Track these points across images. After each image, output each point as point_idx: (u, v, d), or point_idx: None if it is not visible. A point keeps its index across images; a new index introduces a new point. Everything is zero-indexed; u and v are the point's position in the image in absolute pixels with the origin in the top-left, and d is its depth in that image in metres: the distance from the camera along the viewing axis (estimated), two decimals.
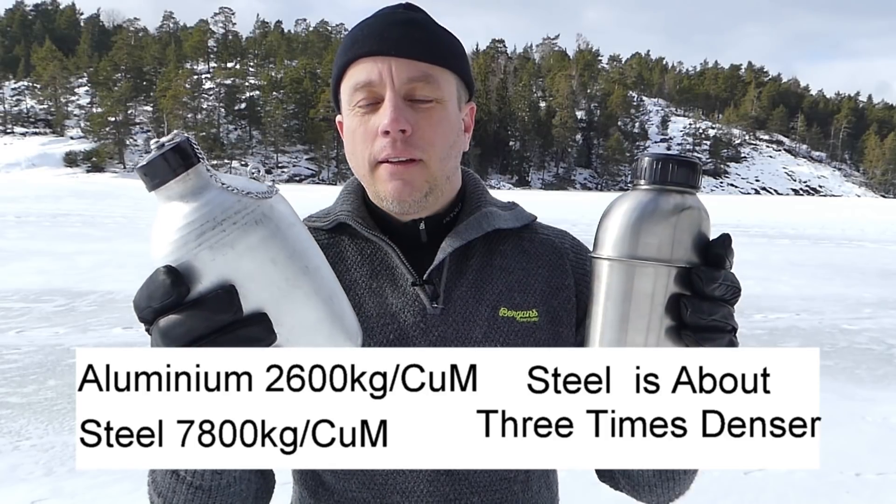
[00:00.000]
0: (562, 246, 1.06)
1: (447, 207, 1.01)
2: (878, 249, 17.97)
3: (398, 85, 0.90)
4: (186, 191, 0.60)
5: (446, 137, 0.94)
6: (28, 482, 3.61)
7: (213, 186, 0.60)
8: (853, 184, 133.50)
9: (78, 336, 6.52)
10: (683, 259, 0.64)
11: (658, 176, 0.65)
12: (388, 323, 0.96)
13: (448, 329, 0.95)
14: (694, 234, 0.65)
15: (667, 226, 0.64)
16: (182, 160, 0.59)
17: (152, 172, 0.59)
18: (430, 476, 0.93)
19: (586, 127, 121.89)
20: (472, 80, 1.02)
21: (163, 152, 0.59)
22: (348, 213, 1.00)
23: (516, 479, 0.97)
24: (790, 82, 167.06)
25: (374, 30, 0.93)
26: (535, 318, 0.98)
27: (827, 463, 4.03)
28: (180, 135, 0.60)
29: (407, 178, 0.91)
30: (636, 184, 0.67)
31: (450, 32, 0.99)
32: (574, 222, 23.13)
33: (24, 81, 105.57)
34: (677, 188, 0.65)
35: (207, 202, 0.59)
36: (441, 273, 0.97)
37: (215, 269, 0.58)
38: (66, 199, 28.70)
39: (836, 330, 7.87)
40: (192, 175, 0.59)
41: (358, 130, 0.93)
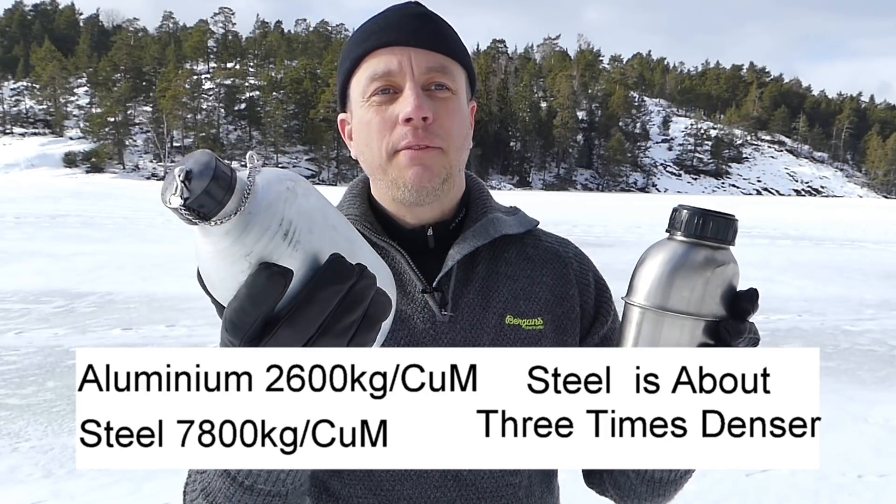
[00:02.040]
0: (565, 255, 1.07)
1: (453, 212, 1.02)
2: (880, 250, 17.96)
3: (418, 74, 0.91)
4: (240, 205, 0.54)
5: (462, 128, 0.95)
6: (27, 484, 3.61)
7: (255, 187, 0.56)
8: (855, 184, 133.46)
9: (77, 337, 6.52)
10: (712, 313, 0.66)
11: (695, 230, 0.66)
12: (398, 329, 0.96)
13: (457, 336, 0.96)
14: (724, 289, 0.67)
15: (699, 281, 0.66)
16: (226, 178, 0.53)
17: (209, 205, 0.53)
18: (436, 482, 0.93)
19: (587, 127, 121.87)
20: (475, 79, 1.03)
21: (210, 180, 0.52)
22: (356, 218, 1.00)
23: (521, 484, 0.97)
24: (792, 82, 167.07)
25: (390, 22, 0.94)
26: (541, 326, 0.99)
27: (829, 465, 4.03)
28: (201, 154, 0.55)
29: (427, 162, 0.91)
30: (672, 234, 0.68)
31: (455, 30, 1.00)
32: (575, 223, 23.15)
33: (24, 82, 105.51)
34: (713, 244, 0.67)
35: (270, 203, 0.55)
36: (449, 280, 0.98)
37: (306, 251, 0.57)
38: (65, 199, 28.69)
39: (838, 331, 7.86)
40: (236, 193, 0.54)
41: (374, 121, 0.92)
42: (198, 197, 0.52)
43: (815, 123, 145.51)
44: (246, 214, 0.54)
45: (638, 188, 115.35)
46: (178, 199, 0.52)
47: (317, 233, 0.58)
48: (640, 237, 18.76)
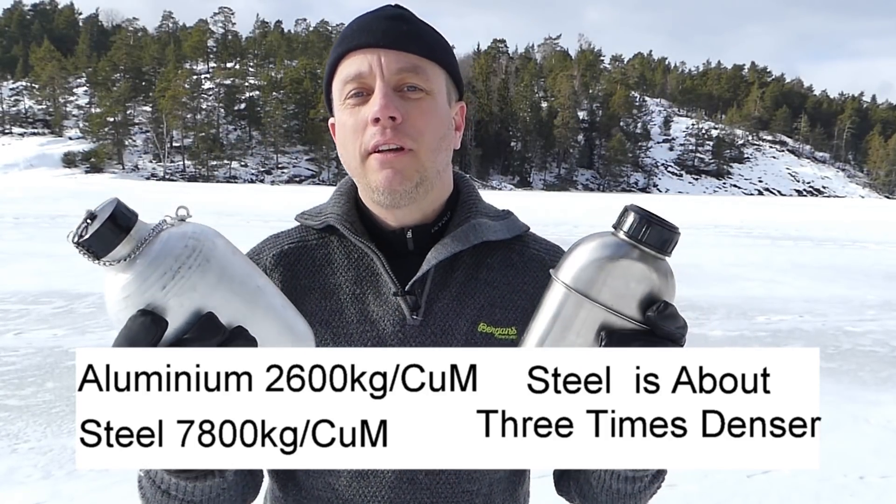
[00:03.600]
0: (551, 263, 1.04)
1: (437, 215, 1.01)
2: (882, 251, 17.94)
3: (388, 75, 0.91)
4: (133, 252, 0.62)
5: (437, 129, 0.94)
6: (26, 485, 3.60)
7: (155, 239, 0.63)
8: (857, 185, 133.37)
9: (77, 338, 6.52)
10: (627, 314, 0.68)
11: (636, 233, 0.68)
12: (367, 330, 0.96)
13: (426, 341, 0.96)
14: (644, 295, 0.68)
15: (623, 280, 0.68)
16: (121, 224, 0.62)
17: (97, 246, 0.61)
18: (391, 482, 0.94)
19: (588, 127, 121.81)
20: (460, 79, 1.02)
21: (102, 224, 0.61)
22: (338, 217, 1.00)
23: (479, 491, 0.97)
24: (793, 82, 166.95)
25: (362, 25, 0.95)
26: (514, 335, 0.98)
27: (830, 466, 4.03)
28: (110, 201, 0.63)
29: (398, 166, 0.91)
30: (616, 231, 0.70)
31: (437, 31, 1.00)
32: (576, 223, 23.12)
33: (23, 82, 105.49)
34: (649, 251, 0.68)
35: (158, 256, 0.63)
36: (424, 284, 0.97)
37: (185, 307, 0.63)
38: (64, 200, 28.71)
39: (839, 332, 7.85)
40: (133, 236, 0.62)
41: (348, 122, 0.93)
42: (89, 238, 0.61)
43: (816, 123, 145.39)
44: (132, 262, 0.62)
45: (639, 188, 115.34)
46: (75, 237, 0.62)
47: (202, 290, 0.64)
48: None
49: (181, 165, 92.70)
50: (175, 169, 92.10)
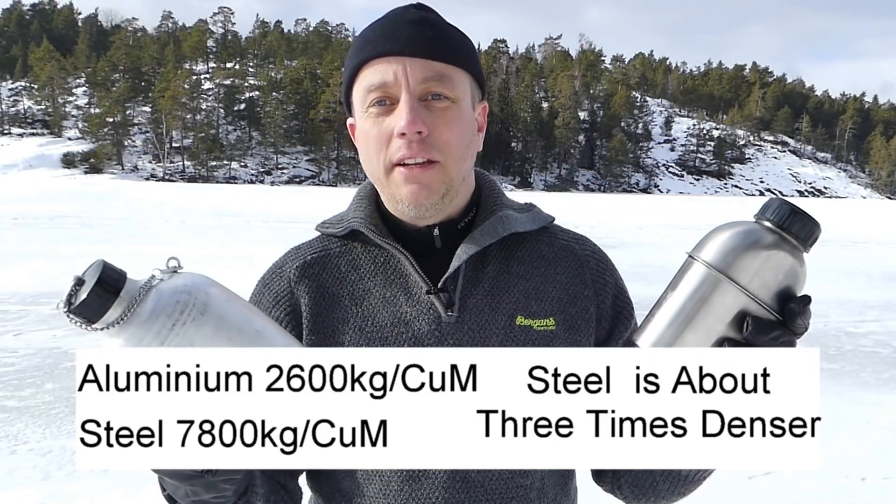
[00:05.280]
0: (582, 253, 1.04)
1: (462, 212, 1.00)
2: (883, 251, 17.94)
3: (413, 85, 0.89)
4: (124, 314, 0.62)
5: (462, 138, 0.93)
6: (25, 486, 3.60)
7: (146, 298, 0.63)
8: (859, 185, 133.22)
9: (76, 339, 6.50)
10: (765, 301, 0.70)
11: (783, 220, 0.70)
12: (402, 332, 0.95)
13: (464, 337, 0.94)
14: (783, 284, 0.70)
15: (768, 266, 0.70)
16: (110, 287, 0.62)
17: (88, 312, 0.62)
18: (444, 483, 0.92)
19: (589, 128, 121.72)
20: (483, 78, 1.01)
21: (91, 289, 0.61)
22: (361, 220, 0.99)
23: (532, 486, 0.96)
24: (795, 83, 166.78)
25: (385, 30, 0.93)
26: (553, 326, 0.97)
27: (832, 467, 4.02)
28: (96, 264, 0.64)
29: (424, 181, 0.91)
30: (761, 218, 0.73)
31: (461, 31, 0.98)
32: (576, 225, 23.04)
33: (22, 82, 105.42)
34: (792, 240, 0.71)
35: (150, 316, 0.63)
36: (457, 280, 0.96)
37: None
38: (63, 200, 28.70)
39: (841, 333, 7.85)
40: (123, 297, 0.62)
41: (372, 132, 0.92)
42: (79, 305, 0.62)
43: (818, 124, 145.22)
44: (126, 324, 0.62)
45: (640, 189, 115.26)
46: (65, 305, 0.62)
47: (200, 343, 0.64)
48: (642, 238, 18.75)
49: (181, 166, 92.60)
50: (175, 169, 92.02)
